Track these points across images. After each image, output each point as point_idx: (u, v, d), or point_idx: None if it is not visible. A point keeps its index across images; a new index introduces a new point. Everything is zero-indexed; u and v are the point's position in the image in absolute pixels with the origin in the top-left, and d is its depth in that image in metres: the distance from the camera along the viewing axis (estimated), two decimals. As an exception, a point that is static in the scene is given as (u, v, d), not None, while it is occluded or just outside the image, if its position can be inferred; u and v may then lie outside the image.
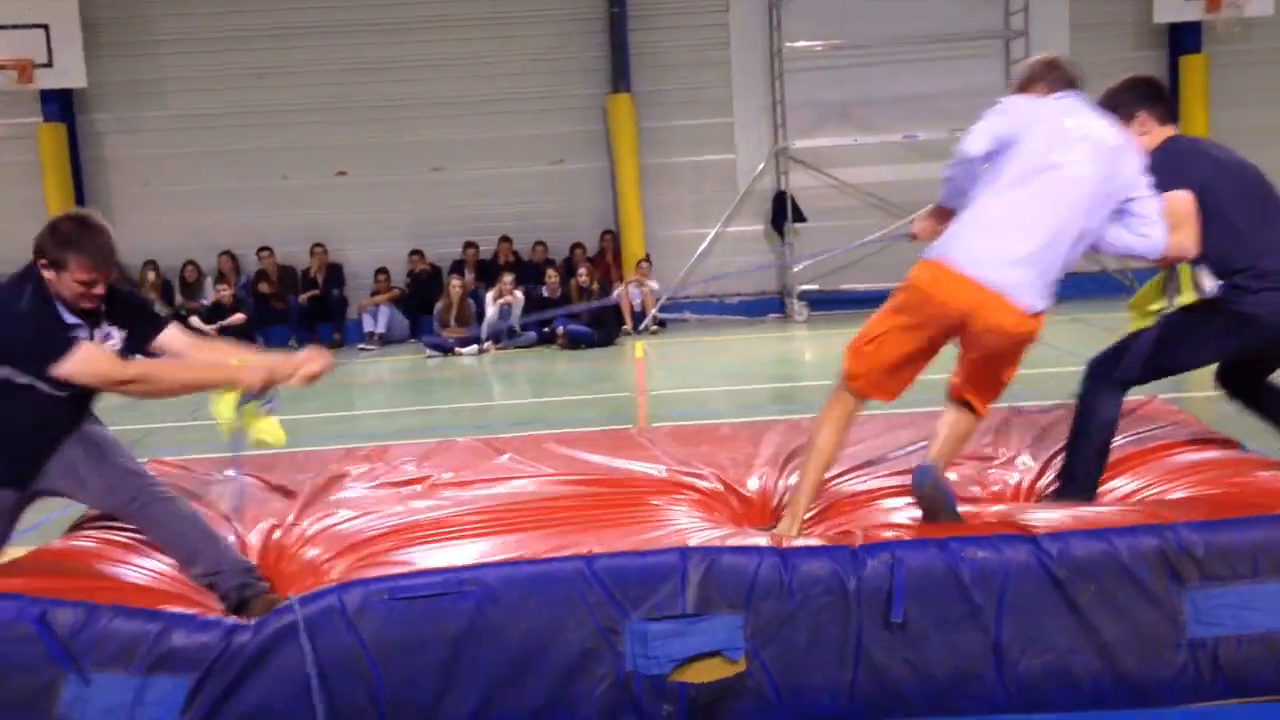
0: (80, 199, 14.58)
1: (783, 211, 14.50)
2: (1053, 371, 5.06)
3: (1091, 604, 3.11)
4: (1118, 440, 3.92)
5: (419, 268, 14.63)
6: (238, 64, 14.53)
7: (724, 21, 14.73)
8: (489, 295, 13.38)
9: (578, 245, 14.67)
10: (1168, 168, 3.65)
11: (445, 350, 12.82)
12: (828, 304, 14.41)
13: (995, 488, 4.12)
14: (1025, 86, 3.77)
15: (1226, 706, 3.10)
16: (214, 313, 13.75)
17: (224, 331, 13.09)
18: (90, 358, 3.35)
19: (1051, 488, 3.94)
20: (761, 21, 14.62)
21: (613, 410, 8.45)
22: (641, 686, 3.09)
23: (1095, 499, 3.75)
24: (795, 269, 14.31)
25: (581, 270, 13.73)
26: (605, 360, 11.77)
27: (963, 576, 3.11)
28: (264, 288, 14.39)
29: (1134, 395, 4.08)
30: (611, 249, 14.84)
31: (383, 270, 14.45)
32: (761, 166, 14.90)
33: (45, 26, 13.39)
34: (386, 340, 13.96)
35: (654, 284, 14.04)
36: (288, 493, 4.33)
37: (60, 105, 14.32)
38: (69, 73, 13.63)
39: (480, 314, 13.33)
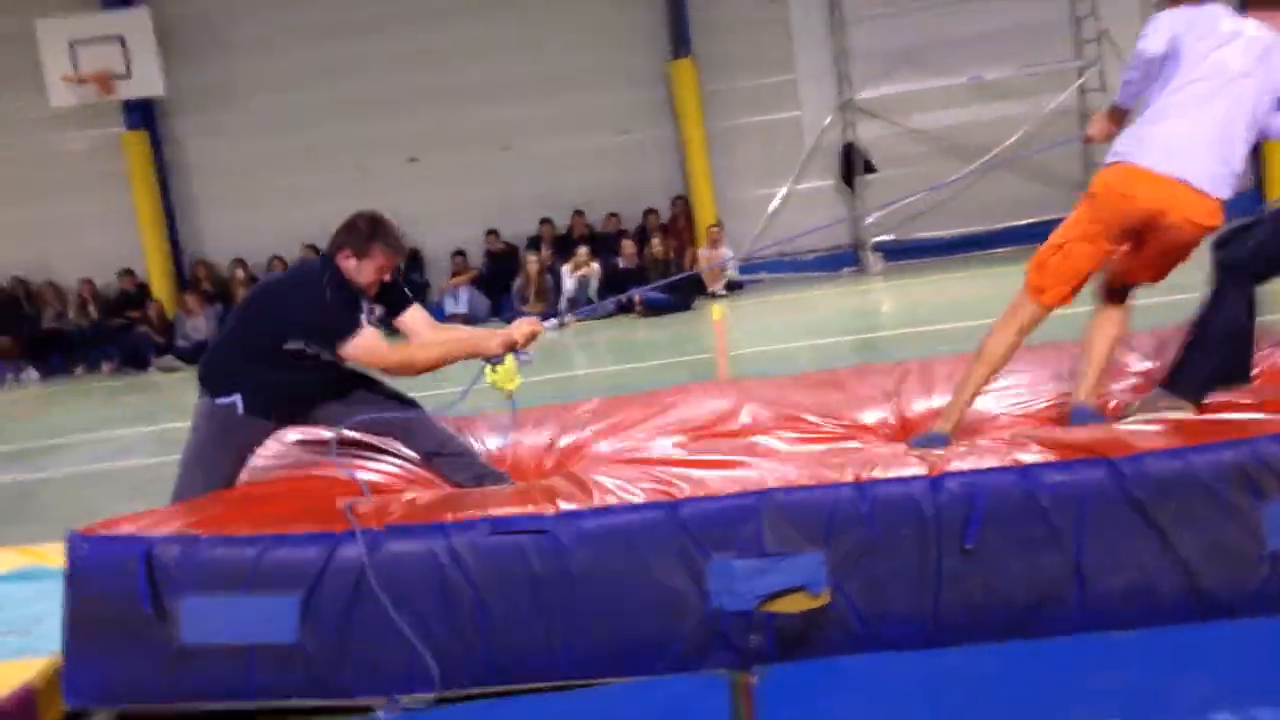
0: (168, 203, 15.12)
1: (852, 164, 14.43)
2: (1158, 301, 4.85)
3: (1171, 522, 3.13)
4: None
5: (495, 247, 14.88)
6: (306, 61, 14.86)
7: (782, -23, 14.66)
8: (565, 269, 13.56)
9: (651, 211, 14.79)
10: None
11: (526, 325, 13.01)
12: (903, 253, 14.33)
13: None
14: None
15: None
16: (302, 304, 14.18)
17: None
18: (369, 344, 3.92)
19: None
20: (821, -27, 14.50)
21: (695, 372, 8.55)
22: (729, 622, 3.20)
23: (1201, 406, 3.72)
24: (868, 220, 14.26)
25: (655, 240, 13.84)
26: (684, 325, 11.88)
27: (1041, 500, 3.16)
28: (346, 277, 14.77)
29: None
30: (684, 214, 14.91)
31: (460, 252, 14.74)
32: (828, 120, 14.81)
33: (122, 38, 13.83)
34: (469, 320, 14.23)
35: (727, 250, 14.09)
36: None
37: (142, 114, 14.84)
38: (147, 81, 14.06)
39: (558, 288, 13.52)
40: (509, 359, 3.93)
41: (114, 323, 14.62)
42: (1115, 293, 4.04)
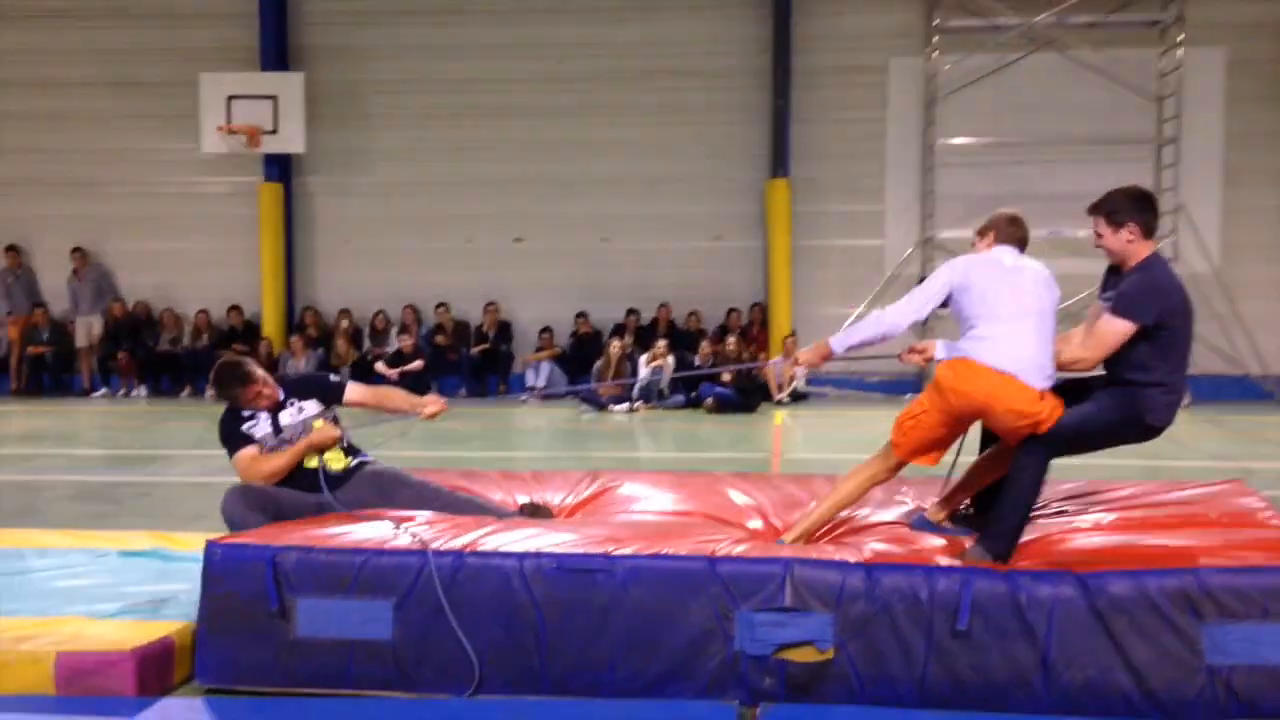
0: (289, 250, 16.31)
1: (926, 297, 15.10)
2: (1184, 465, 5.58)
3: (1125, 631, 3.71)
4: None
5: (582, 329, 15.80)
6: (431, 139, 16.12)
7: (881, 117, 15.56)
8: (643, 358, 14.40)
9: (733, 310, 15.73)
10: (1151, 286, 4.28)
11: (600, 406, 13.86)
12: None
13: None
14: (983, 232, 4.63)
15: (1241, 724, 3.63)
16: (396, 359, 15.18)
17: (404, 376, 14.49)
18: (239, 460, 5.08)
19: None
20: (918, 118, 15.40)
21: (748, 469, 9.21)
22: (747, 663, 3.83)
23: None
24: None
25: (730, 339, 14.64)
26: (746, 425, 12.58)
27: (1020, 600, 3.77)
28: (440, 339, 15.77)
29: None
30: (760, 322, 15.72)
31: (547, 329, 15.69)
32: (908, 253, 15.60)
33: (274, 98, 15.17)
34: (546, 394, 15.08)
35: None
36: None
37: (279, 167, 16.13)
38: (291, 140, 15.34)
39: (634, 374, 14.34)
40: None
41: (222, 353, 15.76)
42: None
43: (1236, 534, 4.35)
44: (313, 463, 5.07)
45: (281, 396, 5.20)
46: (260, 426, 5.13)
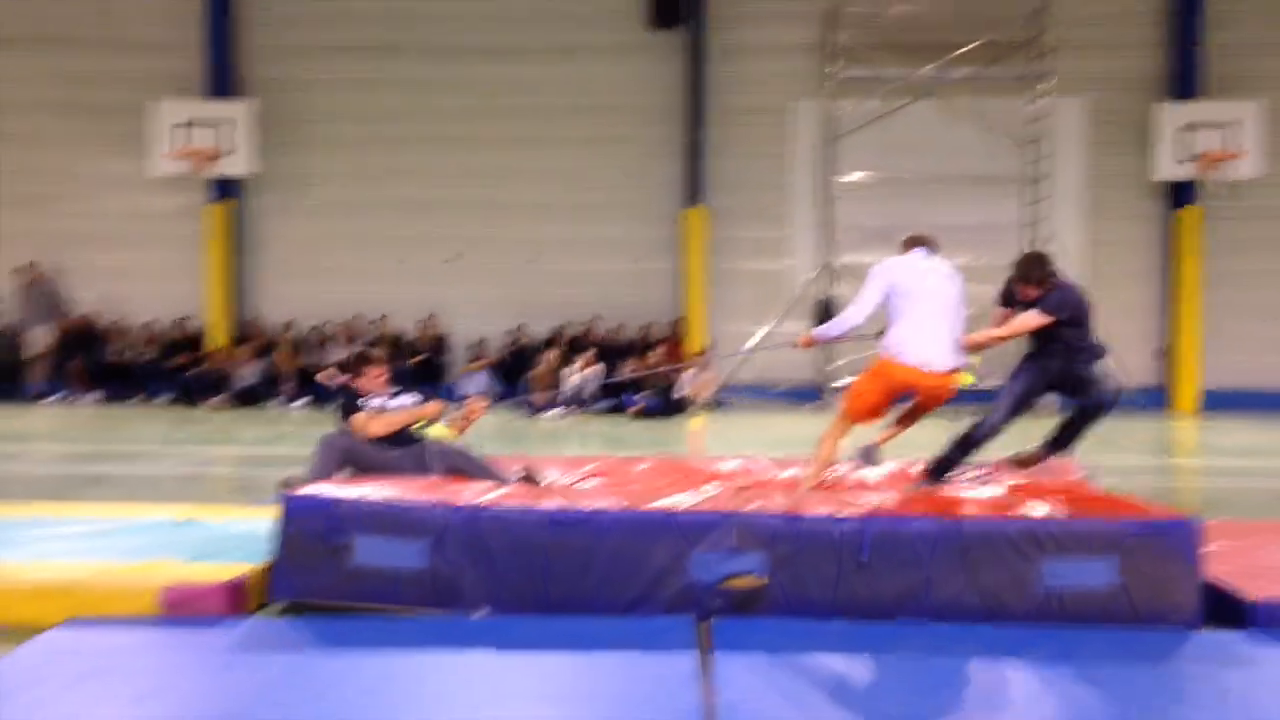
0: (233, 266, 17.12)
1: (827, 316, 16.59)
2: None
3: (987, 560, 5.00)
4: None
5: (520, 342, 16.95)
6: (372, 163, 17.15)
7: (786, 153, 17.11)
8: (573, 367, 15.64)
9: (652, 324, 17.04)
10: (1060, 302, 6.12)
11: (533, 411, 15.03)
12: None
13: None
14: (902, 244, 6.26)
15: (1065, 629, 4.87)
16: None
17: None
18: (358, 420, 6.56)
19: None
20: (818, 155, 16.93)
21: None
22: (701, 590, 5.02)
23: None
24: (831, 366, 16.40)
25: (660, 351, 15.94)
26: (667, 429, 13.84)
27: (909, 536, 5.07)
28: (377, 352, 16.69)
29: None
30: (676, 338, 17.05)
31: (480, 342, 16.79)
32: (811, 276, 17.12)
33: (225, 124, 15.99)
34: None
35: (712, 372, 16.18)
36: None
37: (223, 188, 16.93)
38: (238, 164, 16.18)
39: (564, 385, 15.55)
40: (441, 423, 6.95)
41: (171, 362, 16.49)
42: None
43: (1066, 495, 5.77)
44: (420, 428, 6.63)
45: (393, 388, 6.85)
46: (373, 403, 6.68)
